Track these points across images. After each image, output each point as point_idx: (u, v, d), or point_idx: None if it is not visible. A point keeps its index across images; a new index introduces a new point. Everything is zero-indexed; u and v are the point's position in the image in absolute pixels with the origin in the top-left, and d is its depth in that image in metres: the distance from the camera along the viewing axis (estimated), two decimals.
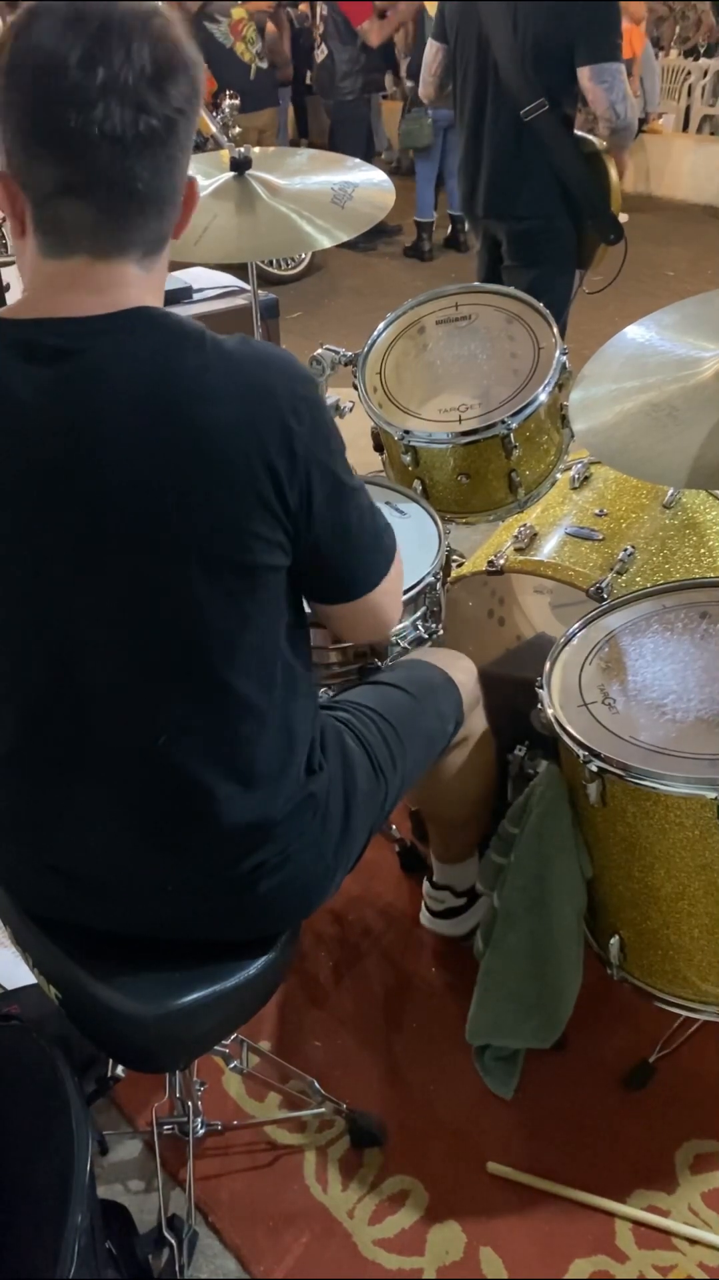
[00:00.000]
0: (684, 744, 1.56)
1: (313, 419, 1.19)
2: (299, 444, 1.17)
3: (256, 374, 1.16)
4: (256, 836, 1.32)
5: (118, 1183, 1.74)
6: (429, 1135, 1.79)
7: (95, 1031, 1.37)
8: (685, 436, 1.60)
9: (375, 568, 1.37)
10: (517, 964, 1.76)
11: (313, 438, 1.18)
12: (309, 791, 1.36)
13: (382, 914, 2.19)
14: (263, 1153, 1.78)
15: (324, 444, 1.21)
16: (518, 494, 2.13)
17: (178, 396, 1.12)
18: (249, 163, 2.33)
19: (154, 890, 1.32)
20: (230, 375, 1.14)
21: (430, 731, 1.66)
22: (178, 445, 1.12)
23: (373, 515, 1.35)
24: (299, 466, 1.17)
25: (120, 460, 1.12)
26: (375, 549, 1.37)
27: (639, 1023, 1.90)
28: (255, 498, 1.16)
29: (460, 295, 2.28)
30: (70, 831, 1.30)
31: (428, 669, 1.73)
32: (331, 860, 1.41)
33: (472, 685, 1.77)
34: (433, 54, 3.29)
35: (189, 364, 1.13)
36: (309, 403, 1.19)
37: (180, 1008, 1.31)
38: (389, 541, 1.40)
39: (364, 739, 1.51)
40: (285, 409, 1.16)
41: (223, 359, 1.14)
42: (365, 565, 1.36)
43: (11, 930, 1.43)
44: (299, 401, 1.17)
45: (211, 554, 1.16)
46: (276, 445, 1.15)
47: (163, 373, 1.12)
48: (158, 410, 1.12)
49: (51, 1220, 1.16)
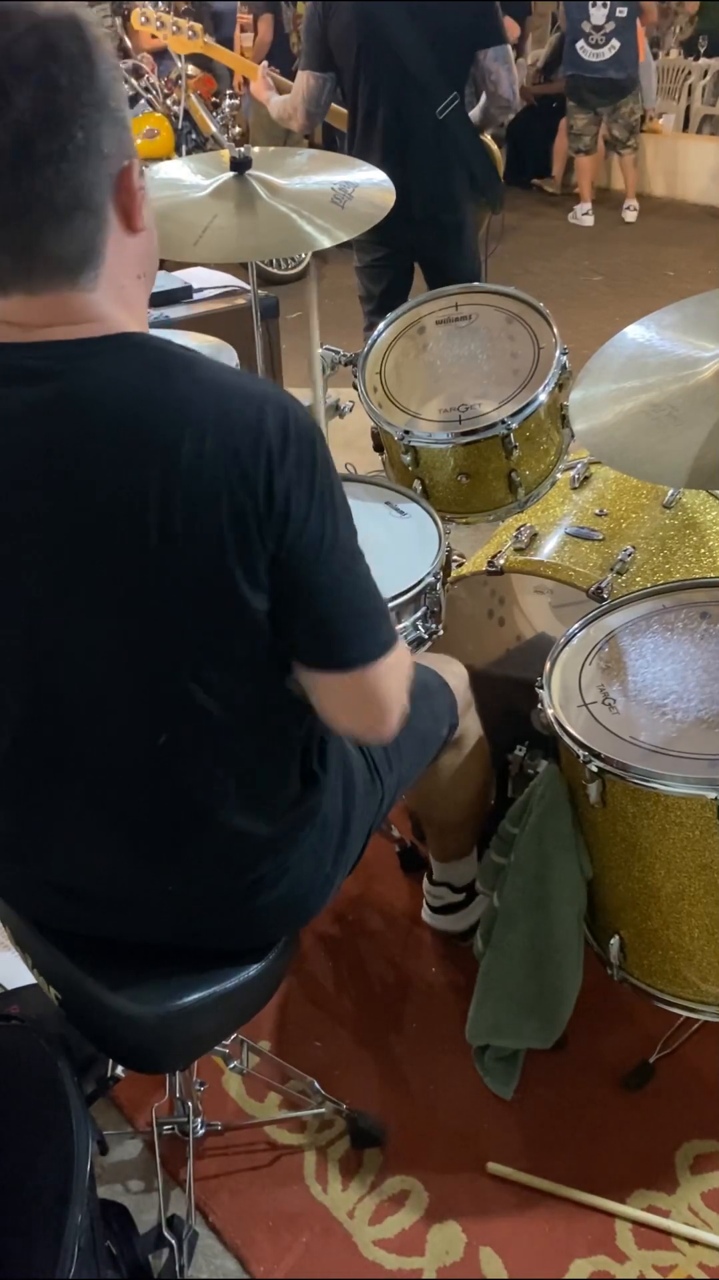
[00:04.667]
0: (684, 744, 1.56)
1: (299, 456, 1.11)
2: (281, 481, 1.10)
3: (243, 407, 1.10)
4: (254, 852, 1.31)
5: (118, 1183, 1.74)
6: (429, 1135, 1.79)
7: (95, 1032, 1.37)
8: (685, 436, 1.60)
9: (371, 637, 1.21)
10: (517, 964, 1.76)
11: (300, 477, 1.11)
12: (307, 805, 1.35)
13: (382, 914, 2.19)
14: (263, 1153, 1.78)
15: (312, 486, 1.13)
16: (518, 494, 2.13)
17: (158, 424, 1.07)
18: (249, 163, 2.33)
19: (152, 905, 1.32)
20: (215, 406, 1.09)
21: (425, 733, 1.66)
22: (156, 473, 1.07)
23: (372, 583, 1.23)
24: (278, 503, 1.10)
25: (99, 485, 1.08)
26: (373, 615, 1.23)
27: (639, 1023, 1.90)
28: (235, 533, 1.09)
29: (460, 295, 2.28)
30: (65, 850, 1.30)
31: (422, 671, 1.72)
32: (330, 868, 1.41)
33: (464, 688, 1.77)
34: (314, 85, 3.21)
35: (173, 391, 1.08)
36: (297, 440, 1.11)
37: (180, 1009, 1.31)
38: (389, 623, 1.25)
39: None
40: (273, 446, 1.09)
41: (209, 389, 1.10)
42: (359, 628, 1.20)
43: (11, 931, 1.43)
44: (286, 441, 1.10)
45: (188, 586, 1.12)
46: (258, 481, 1.09)
47: (145, 399, 1.08)
48: (137, 437, 1.07)
49: (51, 1220, 1.16)
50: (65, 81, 1.01)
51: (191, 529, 1.09)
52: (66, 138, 1.02)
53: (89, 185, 1.05)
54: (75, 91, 1.02)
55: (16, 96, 0.99)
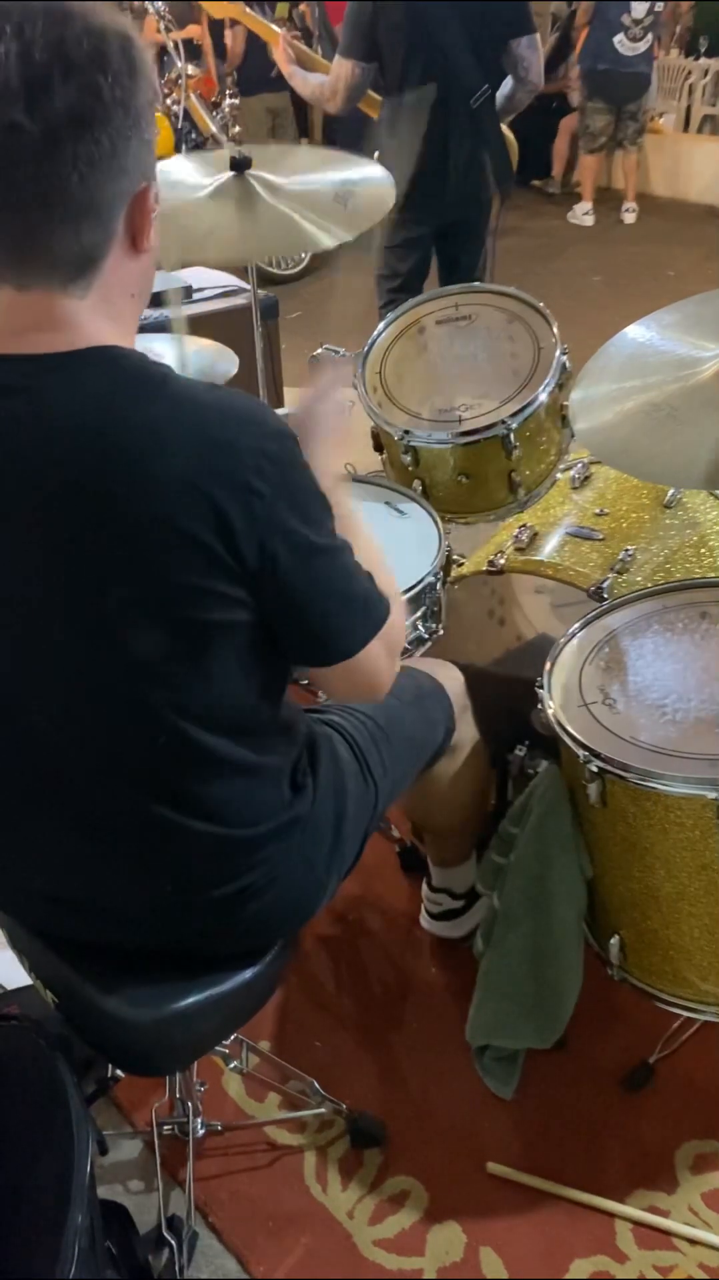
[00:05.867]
0: (684, 744, 1.56)
1: (279, 477, 1.10)
2: (259, 504, 1.08)
3: (217, 425, 1.08)
4: (236, 864, 1.30)
5: (118, 1183, 1.74)
6: (429, 1135, 1.79)
7: (92, 1035, 1.37)
8: (685, 436, 1.60)
9: (359, 630, 1.23)
10: (517, 964, 1.76)
11: (277, 497, 1.09)
12: (294, 814, 1.34)
13: (382, 914, 2.19)
14: (263, 1153, 1.78)
15: (290, 504, 1.11)
16: (518, 494, 2.13)
17: (127, 444, 1.05)
18: (249, 163, 2.33)
19: (141, 915, 1.31)
20: (188, 424, 1.07)
21: (421, 736, 1.66)
22: (124, 494, 1.05)
23: (356, 576, 1.23)
24: (257, 528, 1.09)
25: (64, 505, 1.07)
26: (358, 610, 1.23)
27: (639, 1023, 1.90)
28: (205, 554, 1.08)
29: (460, 295, 2.28)
30: (50, 865, 1.29)
31: (418, 675, 1.72)
32: (323, 872, 1.40)
33: (459, 693, 1.76)
34: (354, 73, 3.39)
35: (144, 410, 1.06)
36: (276, 460, 1.10)
37: (177, 1012, 1.31)
38: (378, 606, 1.26)
39: (354, 743, 1.50)
40: (248, 465, 1.07)
41: (183, 406, 1.07)
42: (347, 627, 1.22)
43: (7, 934, 1.43)
44: (263, 459, 1.08)
45: (160, 608, 1.10)
46: (232, 502, 1.07)
47: (114, 417, 1.05)
48: (105, 456, 1.05)
49: (51, 1220, 1.16)
50: (107, 91, 1.02)
51: (166, 548, 1.07)
52: (94, 143, 1.02)
53: (105, 195, 1.06)
54: (113, 103, 1.03)
55: (59, 91, 1.00)
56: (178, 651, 1.13)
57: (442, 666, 1.78)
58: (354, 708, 1.57)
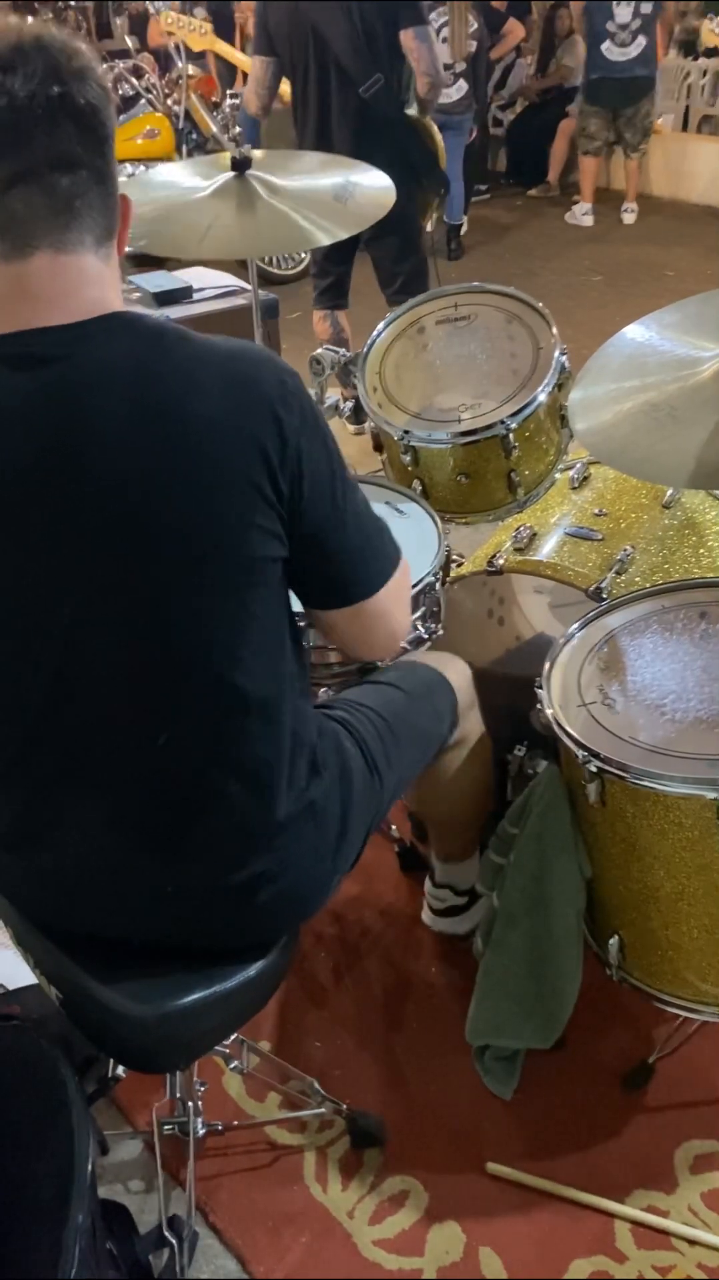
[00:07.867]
0: (684, 744, 1.56)
1: (300, 407, 1.21)
2: (289, 431, 1.19)
3: (240, 367, 1.18)
4: (257, 843, 1.31)
5: (118, 1183, 1.74)
6: (429, 1135, 1.79)
7: (96, 1032, 1.37)
8: (685, 436, 1.60)
9: (378, 569, 1.37)
10: (517, 964, 1.76)
11: (302, 424, 1.20)
12: (309, 799, 1.36)
13: (382, 914, 2.19)
14: (263, 1153, 1.78)
15: (313, 431, 1.23)
16: (517, 494, 2.13)
17: (164, 395, 1.14)
18: (249, 163, 2.34)
19: (152, 901, 1.32)
20: (214, 370, 1.16)
21: (426, 730, 1.66)
22: (168, 443, 1.14)
23: (371, 515, 1.35)
24: (290, 452, 1.19)
25: (109, 464, 1.13)
26: (376, 548, 1.37)
27: (639, 1023, 1.90)
28: (250, 487, 1.17)
29: (460, 295, 2.28)
30: (68, 843, 1.30)
31: (424, 669, 1.73)
32: (330, 865, 1.41)
33: (466, 687, 1.77)
34: (263, 68, 3.59)
35: (172, 362, 1.15)
36: (295, 393, 1.21)
37: (181, 1008, 1.31)
38: (392, 546, 1.39)
39: (360, 737, 1.50)
40: (273, 397, 1.18)
41: (204, 355, 1.17)
42: (366, 564, 1.35)
43: (12, 931, 1.43)
44: (286, 391, 1.20)
45: (210, 549, 1.17)
46: (267, 432, 1.17)
47: (147, 373, 1.14)
48: (146, 410, 1.13)
49: (51, 1220, 1.16)
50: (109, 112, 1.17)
51: (207, 494, 1.15)
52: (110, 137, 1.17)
53: (117, 187, 1.18)
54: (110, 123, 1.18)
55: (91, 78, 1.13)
56: (225, 590, 1.20)
57: (449, 660, 1.79)
58: (359, 702, 1.57)
